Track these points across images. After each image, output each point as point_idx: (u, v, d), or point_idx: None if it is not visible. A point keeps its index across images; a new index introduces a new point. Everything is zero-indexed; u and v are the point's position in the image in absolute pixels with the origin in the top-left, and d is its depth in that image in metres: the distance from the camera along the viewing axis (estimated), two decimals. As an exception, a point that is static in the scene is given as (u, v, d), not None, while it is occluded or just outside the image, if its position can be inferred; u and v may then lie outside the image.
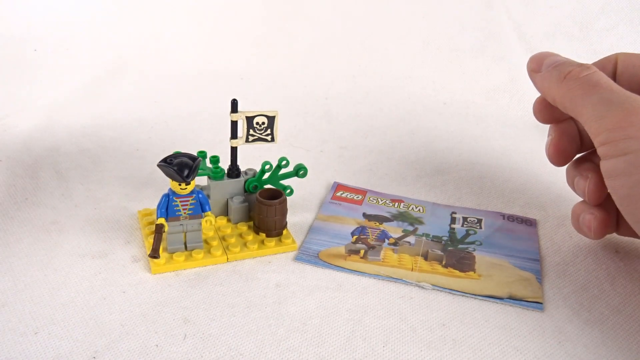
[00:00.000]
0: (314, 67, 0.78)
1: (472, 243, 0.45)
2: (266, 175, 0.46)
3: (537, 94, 0.44)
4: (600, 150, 0.37)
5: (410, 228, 0.47)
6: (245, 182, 0.46)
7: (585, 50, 0.74)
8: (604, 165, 0.37)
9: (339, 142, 0.61)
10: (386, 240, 0.45)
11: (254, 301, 0.38)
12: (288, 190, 0.46)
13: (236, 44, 0.81)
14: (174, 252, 0.41)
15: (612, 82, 0.38)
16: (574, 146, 0.44)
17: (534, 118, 0.46)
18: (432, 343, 0.36)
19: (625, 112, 0.35)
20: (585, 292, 0.41)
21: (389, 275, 0.41)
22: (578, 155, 0.45)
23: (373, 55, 0.81)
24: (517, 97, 0.72)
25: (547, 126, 0.46)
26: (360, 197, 0.51)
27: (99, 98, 0.67)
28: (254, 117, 0.43)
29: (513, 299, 0.39)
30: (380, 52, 0.81)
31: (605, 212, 0.41)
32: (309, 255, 0.43)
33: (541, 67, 0.41)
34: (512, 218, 0.49)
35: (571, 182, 0.44)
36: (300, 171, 0.45)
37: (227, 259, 0.42)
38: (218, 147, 0.52)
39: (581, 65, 0.39)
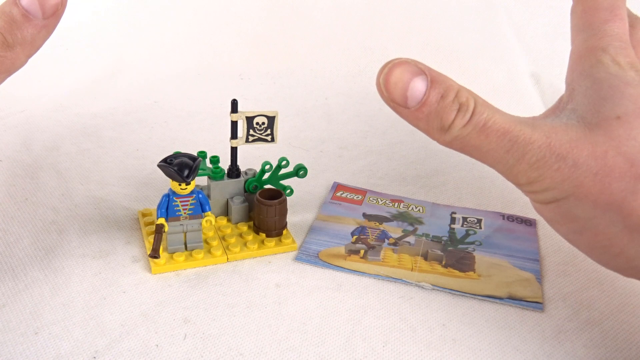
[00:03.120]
0: (314, 67, 0.78)
1: (472, 243, 0.45)
2: (266, 176, 0.46)
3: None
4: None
5: (410, 228, 0.47)
6: (245, 182, 0.46)
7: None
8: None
9: (339, 142, 0.61)
10: (386, 240, 0.45)
11: (254, 301, 0.38)
12: (288, 191, 0.46)
13: (236, 44, 0.81)
14: (174, 252, 0.41)
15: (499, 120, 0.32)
16: None
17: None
18: (432, 343, 0.36)
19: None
20: (585, 292, 0.41)
21: (389, 275, 0.41)
22: None
23: (373, 55, 0.81)
24: (517, 97, 0.72)
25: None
26: (360, 197, 0.51)
27: (99, 98, 0.67)
28: (254, 117, 0.43)
29: (513, 299, 0.39)
30: (380, 52, 0.81)
31: None
32: (309, 255, 0.43)
33: (406, 101, 0.32)
34: (511, 218, 0.49)
35: None
36: (300, 171, 0.45)
37: (227, 259, 0.42)
38: (218, 147, 0.52)
39: (459, 109, 0.32)
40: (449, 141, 0.33)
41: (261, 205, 0.43)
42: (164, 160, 0.39)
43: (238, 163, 0.45)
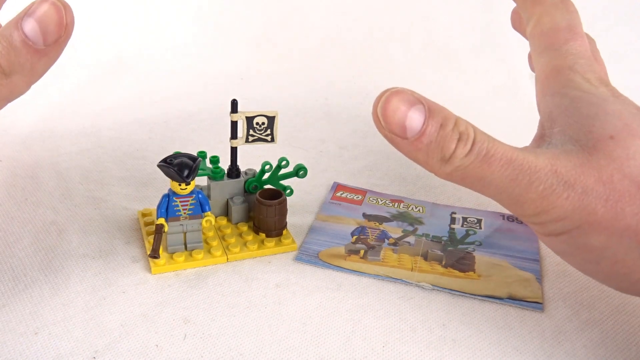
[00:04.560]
0: (314, 67, 0.78)
1: (472, 243, 0.45)
2: (266, 176, 0.46)
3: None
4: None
5: (410, 228, 0.47)
6: (245, 182, 0.46)
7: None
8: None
9: (339, 142, 0.61)
10: (386, 240, 0.45)
11: (254, 301, 0.38)
12: (288, 191, 0.46)
13: (236, 44, 0.81)
14: (174, 252, 0.41)
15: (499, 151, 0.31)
16: None
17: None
18: (432, 343, 0.36)
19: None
20: (585, 292, 0.41)
21: (389, 275, 0.41)
22: None
23: (373, 56, 0.81)
24: (517, 98, 0.72)
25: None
26: (360, 197, 0.51)
27: (99, 98, 0.67)
28: (253, 117, 0.43)
29: (513, 299, 0.39)
30: (380, 52, 0.81)
31: None
32: (308, 256, 0.43)
33: (405, 132, 0.31)
34: (511, 218, 0.49)
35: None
36: (300, 171, 0.45)
37: (227, 259, 0.42)
38: (218, 147, 0.52)
39: (459, 138, 0.31)
40: (449, 172, 0.31)
41: (261, 205, 0.43)
42: (164, 160, 0.39)
43: (238, 163, 0.45)
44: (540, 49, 0.38)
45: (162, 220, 0.40)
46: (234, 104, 0.43)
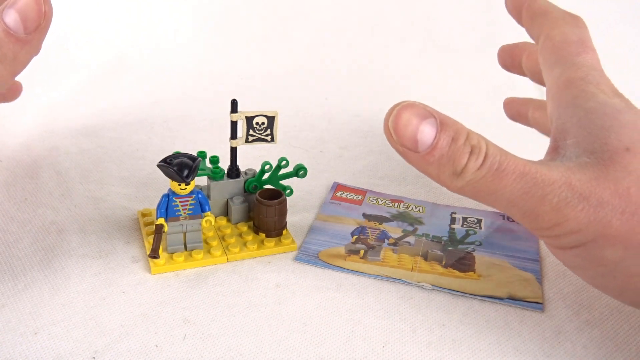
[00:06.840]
0: (313, 67, 0.78)
1: (472, 243, 0.45)
2: (266, 176, 0.46)
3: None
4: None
5: (410, 228, 0.47)
6: (245, 182, 0.46)
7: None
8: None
9: (339, 142, 0.61)
10: (386, 240, 0.45)
11: (253, 301, 0.38)
12: (288, 191, 0.46)
13: (236, 44, 0.81)
14: (173, 253, 0.41)
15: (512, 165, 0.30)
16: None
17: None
18: (432, 343, 0.36)
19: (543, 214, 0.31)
20: (585, 292, 0.41)
21: (389, 275, 0.41)
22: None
23: (373, 55, 0.81)
24: (517, 97, 0.72)
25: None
26: (360, 197, 0.51)
27: (99, 98, 0.67)
28: (253, 117, 0.43)
29: (513, 299, 0.39)
30: (380, 52, 0.81)
31: None
32: (308, 256, 0.43)
33: (416, 145, 0.31)
34: (512, 218, 0.49)
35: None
36: (300, 171, 0.45)
37: (227, 259, 0.42)
38: (218, 147, 0.52)
39: (471, 151, 0.31)
40: (461, 187, 0.31)
41: (261, 205, 0.43)
42: (164, 160, 0.39)
43: (238, 163, 0.45)
44: (551, 62, 0.38)
45: (161, 220, 0.40)
46: (234, 104, 0.43)
